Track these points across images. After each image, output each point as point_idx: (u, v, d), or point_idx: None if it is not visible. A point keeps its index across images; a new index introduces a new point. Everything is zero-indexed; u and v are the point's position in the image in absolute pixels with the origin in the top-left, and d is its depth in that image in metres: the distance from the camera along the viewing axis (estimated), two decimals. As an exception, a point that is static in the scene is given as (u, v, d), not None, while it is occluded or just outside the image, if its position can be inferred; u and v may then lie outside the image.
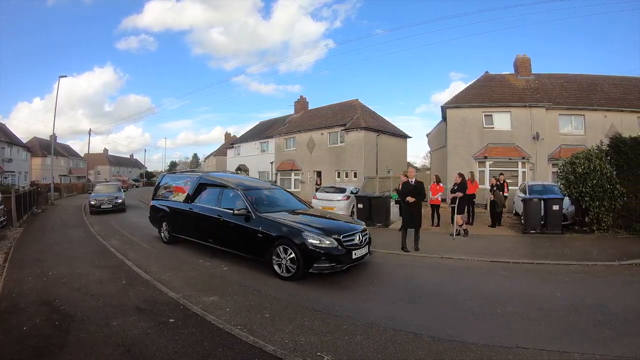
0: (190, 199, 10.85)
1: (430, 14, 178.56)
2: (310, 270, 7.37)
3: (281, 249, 7.74)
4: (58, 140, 67.45)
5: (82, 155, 79.69)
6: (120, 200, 22.81)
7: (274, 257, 7.86)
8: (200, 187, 10.81)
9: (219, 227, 9.36)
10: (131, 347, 4.48)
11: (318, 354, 4.37)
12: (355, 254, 7.82)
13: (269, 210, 8.99)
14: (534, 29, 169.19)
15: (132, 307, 5.92)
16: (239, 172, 43.57)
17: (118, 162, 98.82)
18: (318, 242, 7.46)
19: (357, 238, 8.09)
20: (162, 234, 11.87)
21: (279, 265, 7.75)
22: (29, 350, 4.46)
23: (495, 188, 14.81)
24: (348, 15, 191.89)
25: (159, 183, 13.49)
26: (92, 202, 22.02)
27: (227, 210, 9.16)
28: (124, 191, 26.68)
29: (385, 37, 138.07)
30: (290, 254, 7.56)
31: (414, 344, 4.67)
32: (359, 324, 5.29)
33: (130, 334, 4.85)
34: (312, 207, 11.27)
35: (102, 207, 21.79)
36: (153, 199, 13.08)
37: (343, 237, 7.78)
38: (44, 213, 22.81)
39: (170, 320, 5.35)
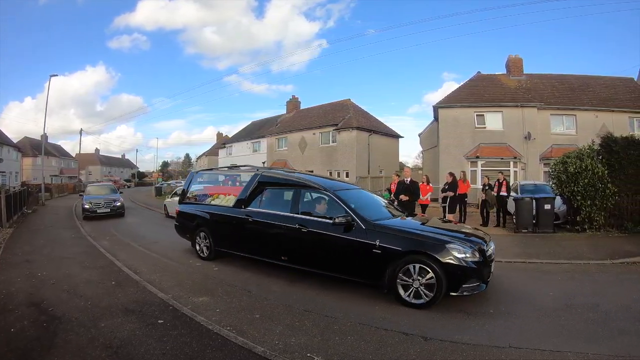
0: (244, 202, 8.58)
1: (424, 14, 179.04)
2: (457, 293, 5.82)
3: (410, 268, 5.94)
4: (49, 140, 67.06)
5: (74, 155, 79.29)
6: (119, 203, 19.98)
7: (398, 279, 6.02)
8: (260, 188, 8.57)
9: (300, 240, 7.25)
10: (119, 349, 4.42)
11: (308, 355, 4.33)
12: (492, 267, 6.49)
13: (374, 217, 6.92)
14: (526, 30, 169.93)
15: (120, 308, 5.85)
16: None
17: (109, 162, 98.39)
18: (464, 255, 5.85)
19: (492, 248, 6.63)
20: (199, 247, 9.50)
21: (409, 290, 5.96)
22: (17, 352, 4.40)
23: (487, 187, 14.80)
24: (342, 15, 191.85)
25: (190, 182, 10.93)
26: (86, 206, 18.96)
27: (316, 219, 7.19)
28: (120, 193, 23.56)
29: (378, 36, 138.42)
30: (426, 273, 5.83)
31: (405, 344, 4.64)
32: (349, 325, 5.26)
33: (119, 336, 4.78)
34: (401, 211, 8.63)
35: (98, 211, 18.95)
36: (181, 203, 10.68)
37: (486, 248, 6.34)
38: (35, 214, 22.57)
39: (159, 321, 5.29)
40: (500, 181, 14.72)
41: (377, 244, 6.20)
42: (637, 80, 27.24)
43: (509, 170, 22.81)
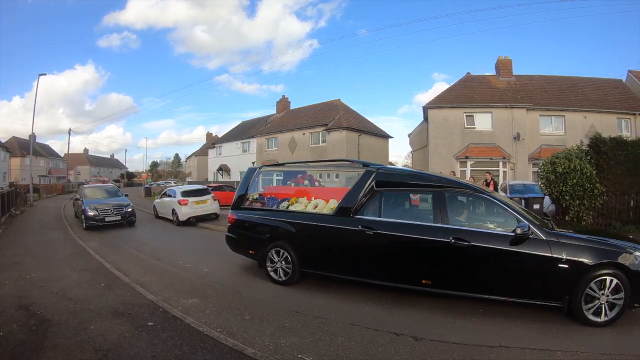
0: (353, 210, 6.61)
1: (416, 15, 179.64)
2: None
3: (597, 283, 5.14)
4: (37, 140, 66.55)
5: (62, 155, 78.44)
6: (130, 209, 16.51)
7: (583, 296, 5.17)
8: (376, 190, 6.64)
9: (456, 258, 5.71)
10: (109, 352, 4.39)
11: (299, 356, 4.33)
12: None
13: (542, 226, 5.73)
14: (516, 31, 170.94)
15: (110, 310, 5.81)
16: (220, 172, 43.59)
17: (98, 162, 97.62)
18: None
19: None
20: (273, 268, 7.42)
21: (594, 307, 5.19)
22: (5, 356, 4.36)
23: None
24: (333, 14, 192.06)
25: (250, 182, 8.45)
26: (90, 213, 15.21)
27: (480, 230, 5.78)
28: (126, 195, 19.59)
29: (369, 37, 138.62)
30: (614, 286, 5.12)
31: (396, 344, 4.67)
32: (340, 325, 5.27)
33: (108, 339, 4.75)
34: None
35: (107, 219, 15.44)
36: (236, 208, 8.38)
37: None
38: (23, 215, 22.29)
39: (149, 323, 5.27)
40: (488, 181, 14.82)
41: (564, 257, 5.21)
42: (625, 82, 27.53)
43: (498, 170, 23.00)
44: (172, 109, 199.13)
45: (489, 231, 5.74)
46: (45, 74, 32.43)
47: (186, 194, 17.29)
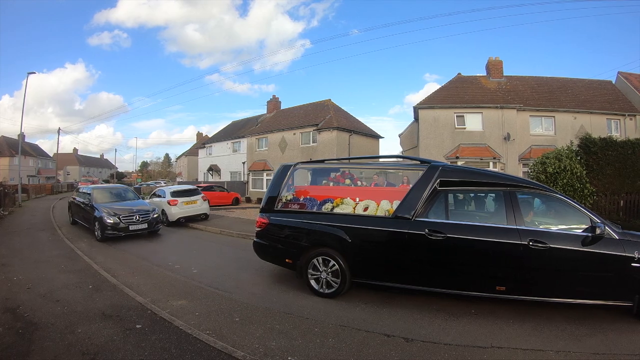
0: (415, 212, 6.03)
1: (408, 15, 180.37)
2: None
3: None
4: (26, 140, 66.02)
5: (51, 155, 77.84)
6: (156, 215, 13.99)
7: None
8: (440, 190, 6.17)
9: (534, 261, 5.43)
10: (96, 356, 4.33)
11: (289, 358, 4.30)
12: None
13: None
14: (507, 32, 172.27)
15: (98, 313, 5.74)
16: (210, 172, 43.45)
17: (88, 162, 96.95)
18: None
19: None
20: (316, 278, 6.70)
21: None
22: (-9, 360, 4.28)
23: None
24: (326, 14, 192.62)
25: (284, 181, 7.49)
26: (110, 220, 12.49)
27: (556, 231, 5.60)
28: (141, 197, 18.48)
29: (361, 37, 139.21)
30: None
31: (387, 345, 4.65)
32: (330, 327, 5.25)
33: (96, 342, 4.69)
34: None
35: (131, 228, 12.80)
36: (267, 211, 7.39)
37: None
38: (11, 215, 21.99)
39: (137, 326, 5.20)
40: None
41: (637, 256, 5.18)
42: (615, 83, 27.75)
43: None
44: (162, 109, 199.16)
45: (565, 232, 5.58)
46: (34, 73, 31.94)
47: (176, 194, 17.28)
